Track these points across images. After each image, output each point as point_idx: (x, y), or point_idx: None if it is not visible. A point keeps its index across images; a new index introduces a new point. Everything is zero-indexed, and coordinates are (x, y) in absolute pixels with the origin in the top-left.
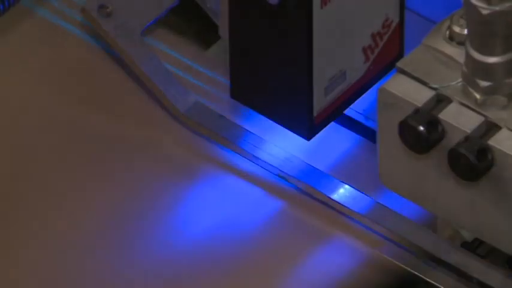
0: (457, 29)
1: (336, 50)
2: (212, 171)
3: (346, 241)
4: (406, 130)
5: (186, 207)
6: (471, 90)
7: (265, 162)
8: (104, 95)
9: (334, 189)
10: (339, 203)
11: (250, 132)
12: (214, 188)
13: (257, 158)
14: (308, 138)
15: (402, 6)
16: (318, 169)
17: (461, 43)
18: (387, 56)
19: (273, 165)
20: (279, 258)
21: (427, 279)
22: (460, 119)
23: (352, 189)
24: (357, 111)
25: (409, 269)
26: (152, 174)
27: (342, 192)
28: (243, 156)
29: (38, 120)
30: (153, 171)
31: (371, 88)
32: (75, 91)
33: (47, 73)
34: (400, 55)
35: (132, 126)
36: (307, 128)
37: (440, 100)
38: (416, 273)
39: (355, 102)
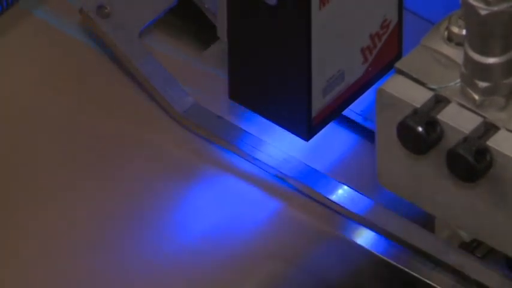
0: (455, 29)
1: (334, 50)
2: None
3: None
4: (404, 131)
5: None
6: (470, 91)
7: (264, 163)
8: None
9: (333, 190)
10: (337, 203)
11: (248, 133)
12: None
13: (256, 159)
14: (307, 139)
15: (401, 7)
16: (316, 170)
17: (459, 44)
18: (386, 56)
19: (271, 166)
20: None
21: (426, 280)
22: (458, 120)
23: (350, 190)
24: (355, 112)
25: (407, 270)
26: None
27: (341, 193)
28: (242, 157)
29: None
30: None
31: (370, 89)
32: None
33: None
34: (399, 56)
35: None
36: (306, 129)
37: (439, 101)
38: (415, 274)
39: (354, 102)
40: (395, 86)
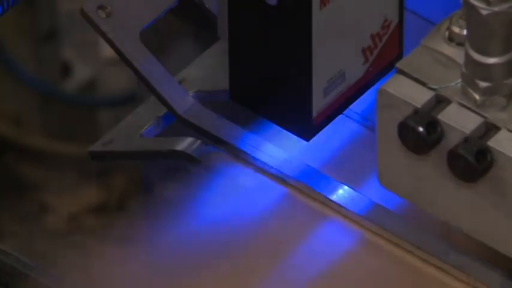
0: (456, 29)
1: (335, 50)
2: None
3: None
4: (405, 131)
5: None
6: (470, 91)
7: (265, 163)
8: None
9: (333, 190)
10: (337, 204)
11: (249, 133)
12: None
13: (256, 159)
14: (307, 139)
15: (401, 7)
16: (317, 170)
17: (460, 44)
18: (386, 56)
19: (272, 166)
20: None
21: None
22: (459, 120)
23: (350, 190)
24: (356, 112)
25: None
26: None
27: (341, 193)
28: (242, 158)
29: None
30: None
31: (370, 89)
32: None
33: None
34: (400, 56)
35: None
36: (307, 129)
37: (440, 101)
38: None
39: (355, 102)
40: (396, 86)
